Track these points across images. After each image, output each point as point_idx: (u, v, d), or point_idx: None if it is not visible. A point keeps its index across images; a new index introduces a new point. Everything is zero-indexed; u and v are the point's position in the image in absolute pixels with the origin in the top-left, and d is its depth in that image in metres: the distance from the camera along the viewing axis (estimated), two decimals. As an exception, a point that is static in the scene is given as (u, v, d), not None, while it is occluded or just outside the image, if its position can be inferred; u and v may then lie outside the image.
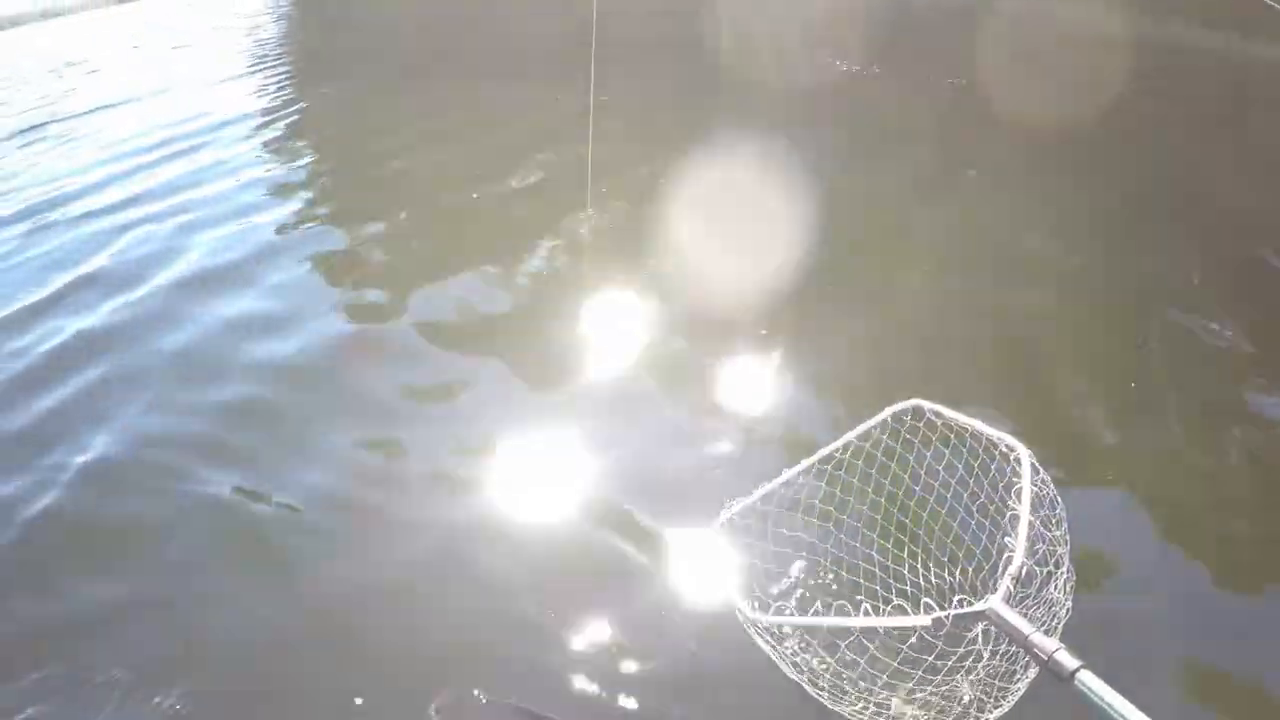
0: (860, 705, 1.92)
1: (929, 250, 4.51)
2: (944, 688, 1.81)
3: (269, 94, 9.21)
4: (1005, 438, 2.07)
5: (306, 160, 7.12)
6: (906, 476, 2.32)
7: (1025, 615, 1.66)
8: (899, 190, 5.27)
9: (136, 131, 8.26)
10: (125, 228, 5.83)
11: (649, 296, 4.18)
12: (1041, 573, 1.80)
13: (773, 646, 2.07)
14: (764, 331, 3.77)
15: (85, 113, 9.42)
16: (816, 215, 4.68)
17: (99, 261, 5.32)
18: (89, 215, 6.18)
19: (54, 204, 6.53)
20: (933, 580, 2.24)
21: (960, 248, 4.55)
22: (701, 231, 4.68)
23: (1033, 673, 1.77)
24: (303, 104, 8.69)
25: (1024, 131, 5.62)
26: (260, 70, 10.40)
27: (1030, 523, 1.82)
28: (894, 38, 8.20)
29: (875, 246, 4.63)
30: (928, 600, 1.89)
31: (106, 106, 9.56)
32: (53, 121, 9.24)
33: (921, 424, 2.23)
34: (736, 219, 4.87)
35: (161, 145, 7.67)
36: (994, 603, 1.67)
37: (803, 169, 5.34)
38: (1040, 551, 1.83)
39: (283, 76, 10.02)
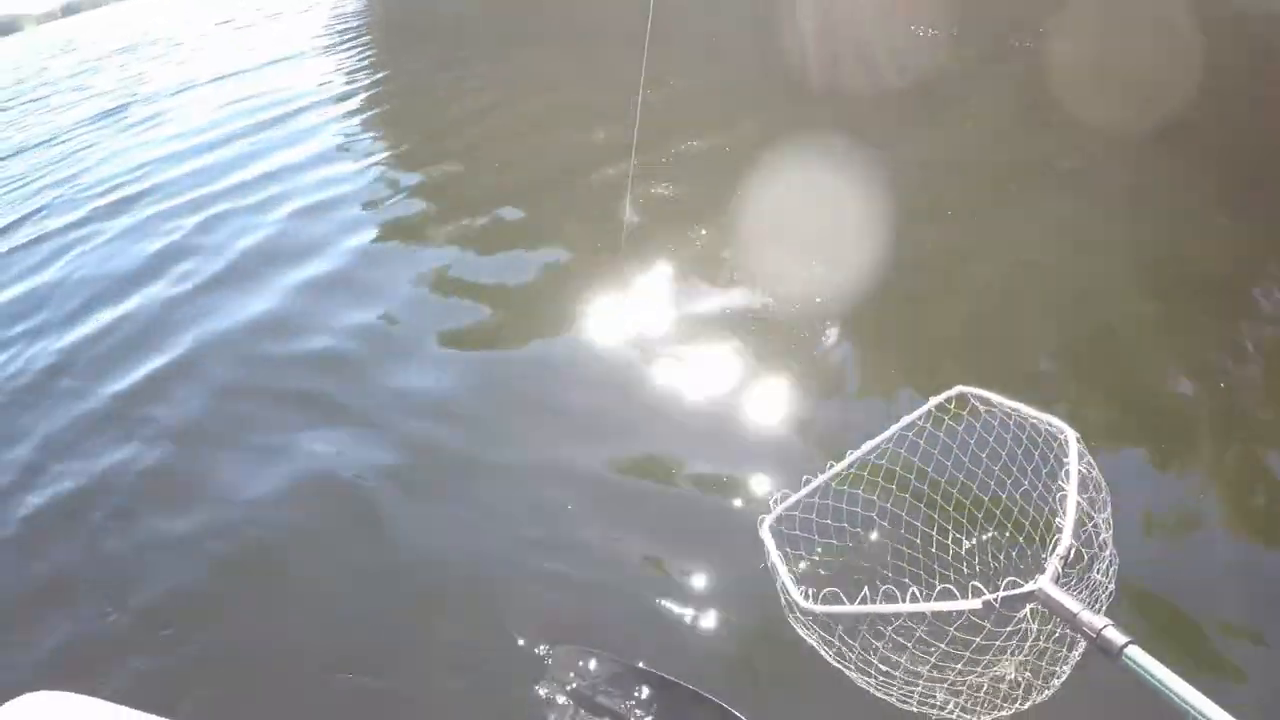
0: (908, 689, 1.94)
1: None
2: (991, 670, 1.83)
3: (352, 66, 9.58)
4: (1053, 420, 2.06)
5: (387, 130, 7.44)
6: (950, 464, 2.33)
7: (1071, 595, 1.68)
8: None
9: (221, 107, 8.71)
10: (211, 201, 6.22)
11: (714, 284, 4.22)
12: (1086, 555, 1.81)
13: (821, 638, 2.10)
14: (824, 319, 3.80)
15: (172, 93, 9.91)
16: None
17: (188, 235, 5.69)
18: (174, 191, 6.60)
19: (141, 180, 6.99)
20: (976, 565, 2.25)
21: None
22: (763, 209, 4.72)
23: (1078, 653, 1.78)
24: (384, 74, 9.05)
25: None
26: (343, 43, 10.76)
27: (1078, 504, 1.83)
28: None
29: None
30: (976, 584, 1.90)
31: (191, 86, 10.06)
32: (135, 102, 9.77)
33: (966, 411, 2.24)
34: (793, 194, 4.87)
35: (245, 118, 8.12)
36: (1043, 582, 1.68)
37: (866, 149, 5.26)
38: (1086, 534, 1.83)
39: (364, 47, 10.39)
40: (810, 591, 2.21)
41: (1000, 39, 6.98)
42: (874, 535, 2.41)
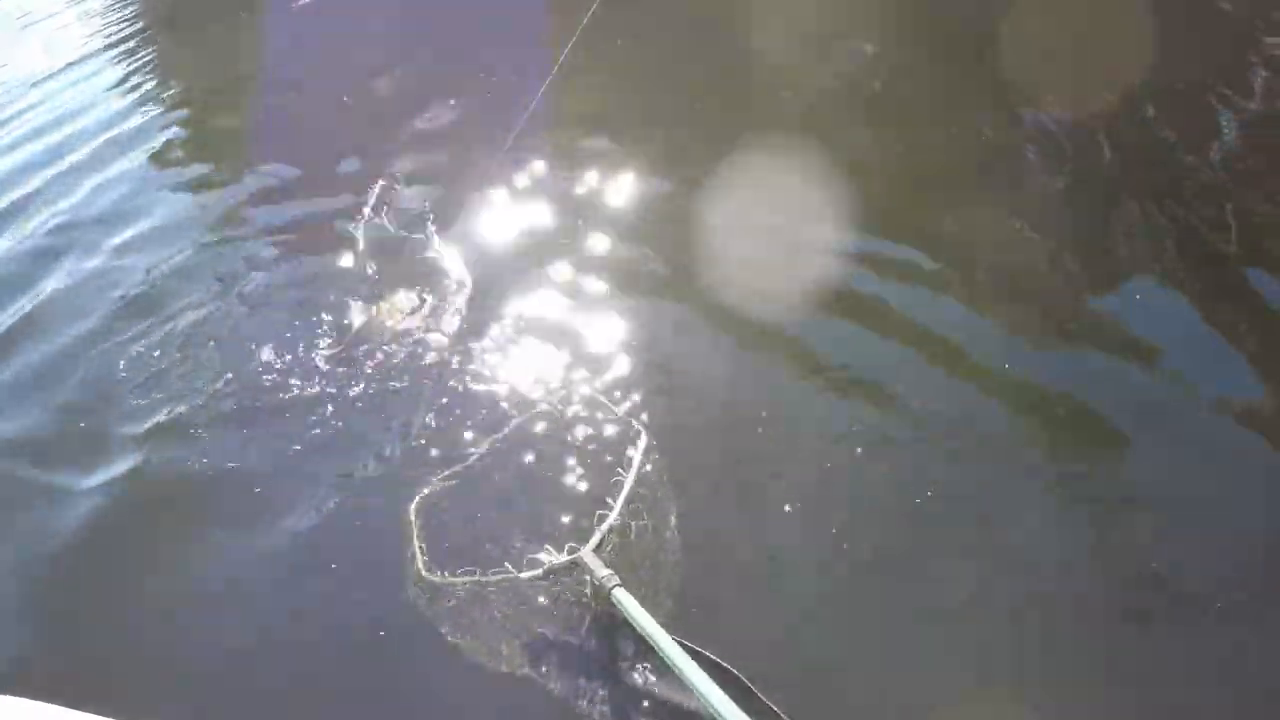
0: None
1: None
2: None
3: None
4: (633, 421, 2.71)
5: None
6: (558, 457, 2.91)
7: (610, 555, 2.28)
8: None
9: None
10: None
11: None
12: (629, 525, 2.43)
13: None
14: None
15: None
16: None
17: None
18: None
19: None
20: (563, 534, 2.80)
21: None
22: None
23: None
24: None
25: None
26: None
27: (630, 489, 2.44)
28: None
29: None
30: (548, 547, 2.42)
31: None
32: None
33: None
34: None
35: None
36: (583, 552, 2.27)
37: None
38: (632, 510, 2.46)
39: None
40: (427, 563, 2.59)
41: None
42: (497, 515, 2.85)
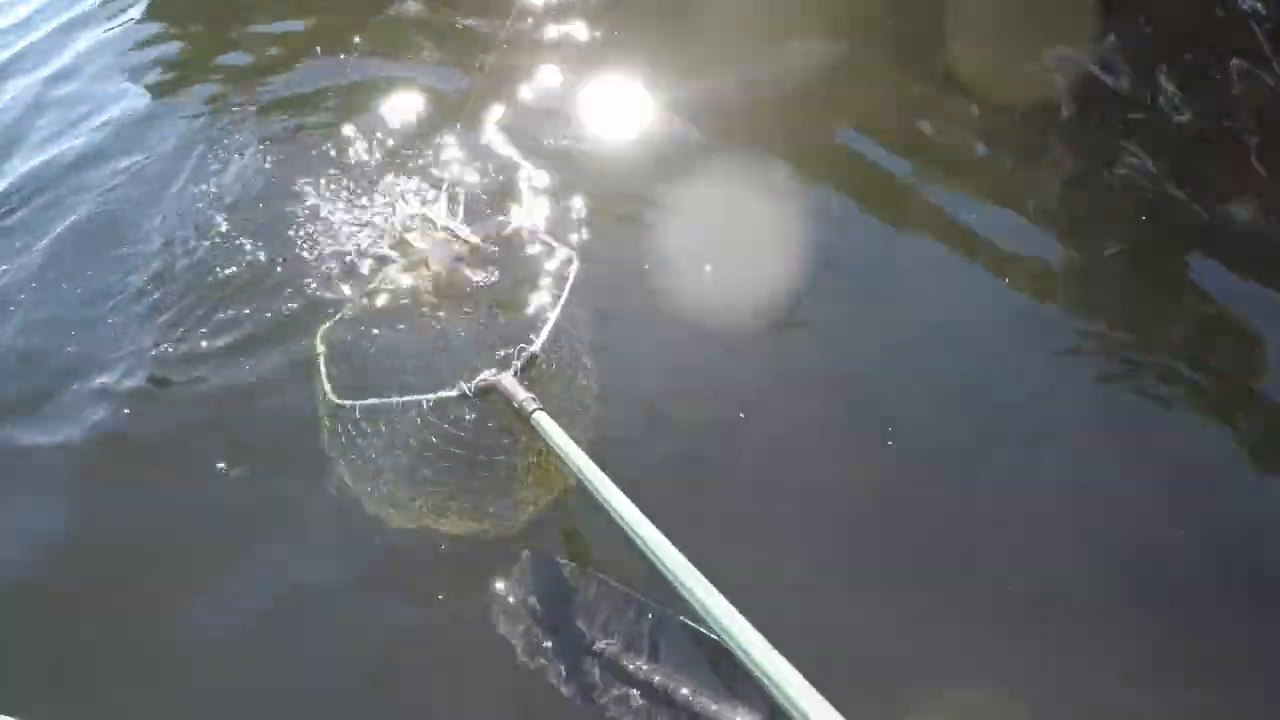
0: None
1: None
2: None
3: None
4: (563, 246, 2.56)
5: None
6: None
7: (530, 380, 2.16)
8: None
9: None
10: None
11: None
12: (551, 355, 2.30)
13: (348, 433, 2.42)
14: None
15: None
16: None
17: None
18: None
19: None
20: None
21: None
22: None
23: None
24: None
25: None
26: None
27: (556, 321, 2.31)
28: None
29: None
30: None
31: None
32: None
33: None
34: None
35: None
36: (503, 377, 2.14)
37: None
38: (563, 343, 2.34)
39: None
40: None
41: None
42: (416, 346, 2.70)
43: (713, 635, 1.51)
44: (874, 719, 1.39)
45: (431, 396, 2.28)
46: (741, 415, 2.42)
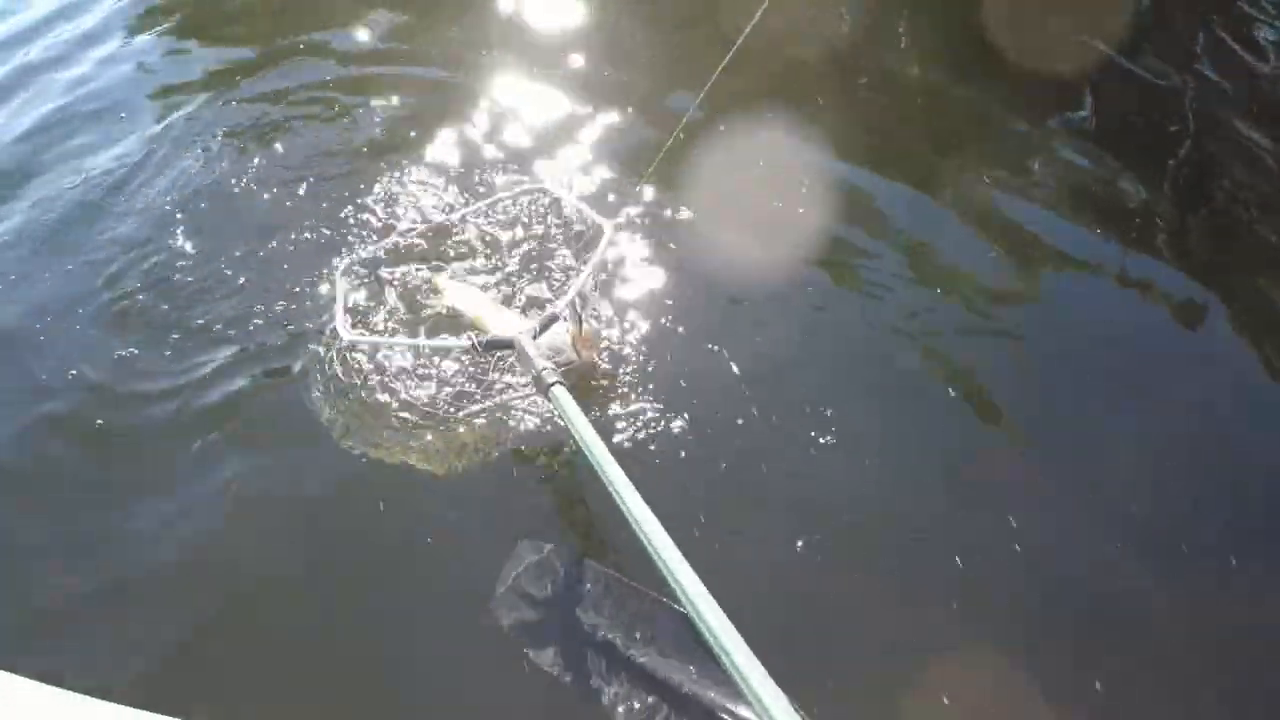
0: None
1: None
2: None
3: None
4: (598, 218, 2.39)
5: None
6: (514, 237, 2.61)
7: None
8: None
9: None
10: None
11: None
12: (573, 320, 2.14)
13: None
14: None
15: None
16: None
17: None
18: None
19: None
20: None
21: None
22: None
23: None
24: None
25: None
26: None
27: (583, 286, 2.15)
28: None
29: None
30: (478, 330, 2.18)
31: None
32: None
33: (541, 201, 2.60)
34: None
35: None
36: (521, 336, 1.97)
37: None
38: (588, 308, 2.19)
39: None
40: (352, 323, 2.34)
41: None
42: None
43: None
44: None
45: (434, 342, 2.16)
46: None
